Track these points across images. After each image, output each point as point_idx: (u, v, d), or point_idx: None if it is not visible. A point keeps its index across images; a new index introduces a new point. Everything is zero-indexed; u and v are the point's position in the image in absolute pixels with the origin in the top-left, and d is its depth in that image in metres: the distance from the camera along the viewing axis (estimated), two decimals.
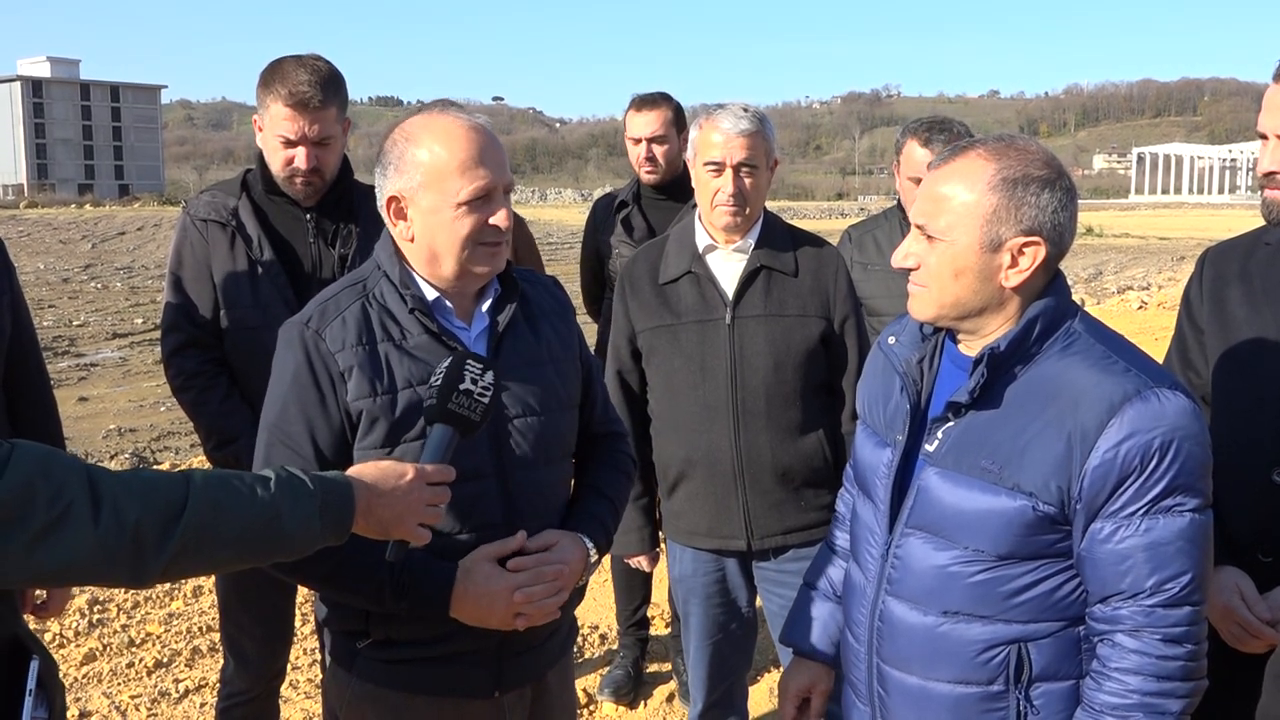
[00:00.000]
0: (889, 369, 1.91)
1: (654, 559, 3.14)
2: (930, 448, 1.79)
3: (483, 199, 1.90)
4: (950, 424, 1.77)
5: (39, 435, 2.24)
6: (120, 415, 9.69)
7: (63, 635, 4.69)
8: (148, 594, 5.12)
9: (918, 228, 1.78)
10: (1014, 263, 1.71)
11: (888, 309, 3.41)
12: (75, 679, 4.31)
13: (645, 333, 2.91)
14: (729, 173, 2.74)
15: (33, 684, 1.80)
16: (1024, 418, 1.69)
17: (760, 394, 2.80)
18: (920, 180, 2.11)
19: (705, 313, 2.83)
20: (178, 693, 4.22)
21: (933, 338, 1.87)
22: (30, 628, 2.10)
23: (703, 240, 2.86)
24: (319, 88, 2.81)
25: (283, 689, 3.54)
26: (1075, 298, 1.84)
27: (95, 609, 4.97)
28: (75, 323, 15.41)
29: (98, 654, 4.56)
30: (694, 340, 2.83)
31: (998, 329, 1.76)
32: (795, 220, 6.36)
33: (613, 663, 4.38)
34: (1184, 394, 1.67)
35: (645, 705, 4.22)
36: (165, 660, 4.51)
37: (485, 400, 1.79)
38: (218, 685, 3.30)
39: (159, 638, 4.75)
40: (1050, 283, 1.76)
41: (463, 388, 1.77)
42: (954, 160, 1.75)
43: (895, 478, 1.83)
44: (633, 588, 4.27)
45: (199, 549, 1.47)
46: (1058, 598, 1.71)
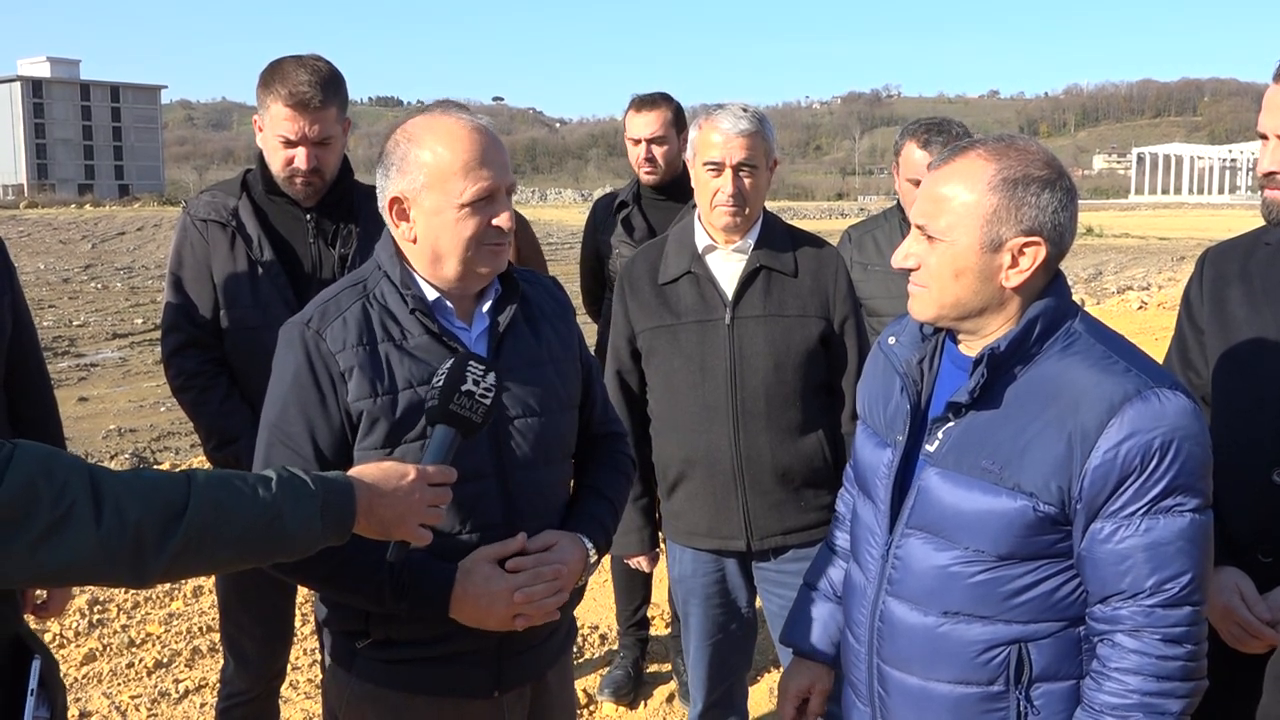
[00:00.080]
0: (889, 369, 1.91)
1: (654, 559, 3.14)
2: (930, 448, 1.79)
3: (485, 200, 1.90)
4: (950, 424, 1.77)
5: (39, 435, 2.24)
6: (120, 415, 9.69)
7: (63, 635, 4.69)
8: (148, 594, 5.12)
9: (918, 228, 1.78)
10: (1014, 263, 1.71)
11: (888, 309, 3.41)
12: (75, 679, 4.31)
13: (645, 333, 2.91)
14: (728, 173, 2.74)
15: (35, 684, 1.80)
16: (1024, 418, 1.69)
17: (760, 394, 2.80)
18: (919, 182, 2.11)
19: (705, 313, 2.83)
20: (178, 693, 4.22)
21: (933, 338, 1.88)
22: (30, 628, 2.10)
23: (702, 240, 2.86)
24: (319, 88, 2.81)
25: (283, 689, 3.54)
26: (1075, 298, 1.84)
27: (95, 609, 4.97)
28: (75, 323, 15.40)
29: (98, 654, 4.56)
30: (694, 340, 2.83)
31: (998, 329, 1.76)
32: (795, 220, 6.36)
33: (613, 663, 4.38)
34: (1184, 394, 1.67)
35: (645, 705, 4.22)
36: (165, 660, 4.51)
37: (487, 401, 1.79)
38: (218, 685, 3.30)
39: (159, 638, 4.75)
40: (1050, 283, 1.76)
41: (464, 389, 1.77)
42: (954, 160, 1.75)
43: (895, 478, 1.83)
44: (633, 588, 4.27)
45: (200, 549, 1.47)
46: (1058, 598, 1.72)
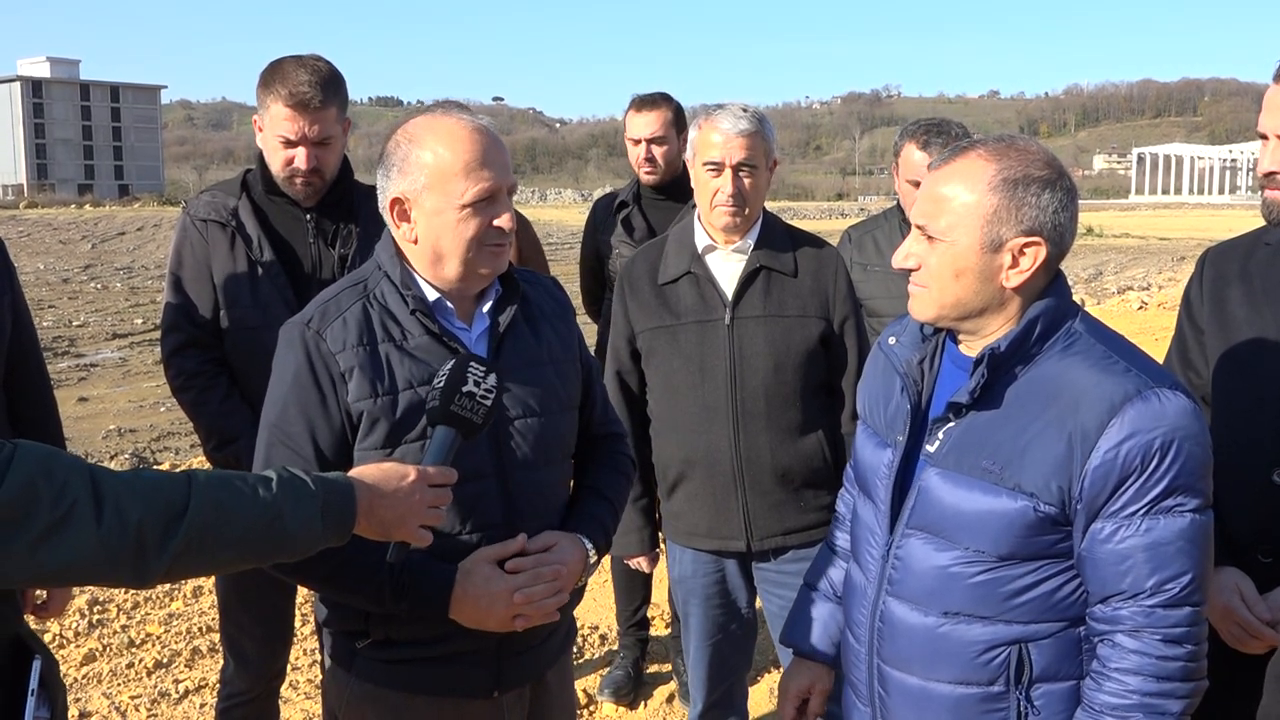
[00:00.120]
0: (889, 369, 1.91)
1: (654, 560, 3.14)
2: (931, 448, 1.79)
3: (487, 200, 1.90)
4: (951, 424, 1.77)
5: (39, 436, 2.24)
6: (120, 415, 9.69)
7: (63, 636, 4.68)
8: (148, 594, 5.12)
9: (918, 228, 1.78)
10: (1015, 263, 1.71)
11: (888, 310, 3.41)
12: (75, 679, 4.31)
13: (644, 333, 2.91)
14: (728, 173, 2.74)
15: (35, 684, 1.80)
16: (1025, 418, 1.69)
17: (760, 395, 2.80)
18: (918, 183, 2.12)
19: (705, 313, 2.83)
20: (178, 693, 4.22)
21: (933, 338, 1.88)
22: (30, 628, 2.10)
23: (702, 240, 2.86)
24: (319, 88, 2.81)
25: (283, 689, 3.54)
26: (1075, 298, 1.84)
27: (95, 609, 4.97)
28: (75, 323, 15.40)
29: (98, 654, 4.56)
30: (693, 341, 2.83)
31: (998, 329, 1.76)
32: (795, 220, 6.36)
33: (613, 663, 4.38)
34: (1184, 394, 1.67)
35: (645, 706, 4.21)
36: (165, 661, 4.51)
37: (488, 403, 1.79)
38: (218, 685, 3.30)
39: (159, 638, 4.75)
40: (1051, 283, 1.76)
41: (465, 390, 1.77)
42: (954, 161, 1.75)
43: (896, 478, 1.83)
44: (633, 588, 4.27)
45: (201, 549, 1.47)
46: (1058, 598, 1.72)
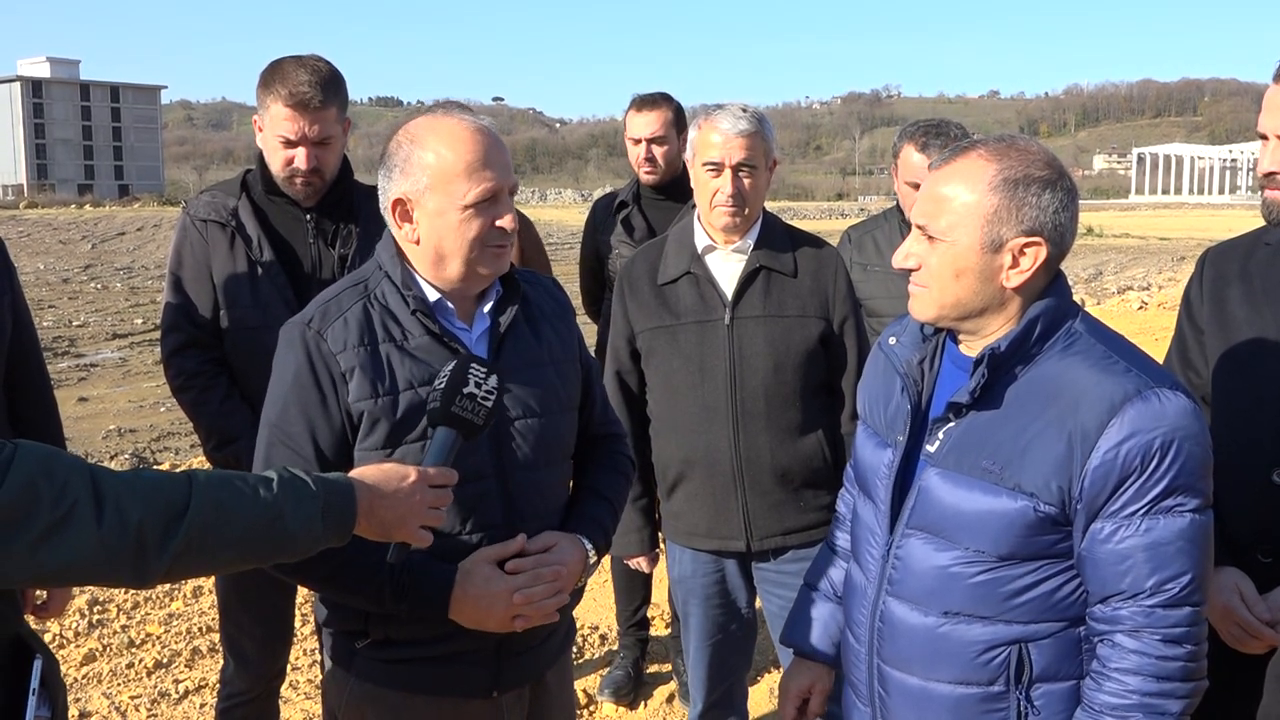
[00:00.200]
0: (890, 369, 1.91)
1: (653, 560, 3.14)
2: (931, 448, 1.79)
3: (489, 201, 1.90)
4: (951, 424, 1.77)
5: (40, 436, 2.24)
6: (120, 415, 9.69)
7: (63, 636, 4.68)
8: (147, 595, 5.12)
9: (918, 228, 1.78)
10: (1015, 263, 1.71)
11: (887, 310, 3.41)
12: (75, 679, 4.31)
13: (644, 333, 2.91)
14: (728, 173, 2.74)
15: (36, 683, 1.80)
16: (1025, 418, 1.70)
17: (759, 395, 2.80)
18: (918, 185, 2.12)
19: (704, 313, 2.83)
20: (178, 693, 4.22)
21: (933, 338, 1.88)
22: (31, 628, 2.10)
23: (702, 241, 2.86)
24: (319, 88, 2.81)
25: (283, 689, 3.54)
26: (1075, 298, 1.84)
27: (95, 609, 4.97)
28: (75, 323, 15.40)
29: (98, 654, 4.56)
30: (693, 341, 2.83)
31: (999, 329, 1.76)
32: (795, 220, 6.36)
33: (613, 663, 4.38)
34: (1184, 394, 1.67)
35: (645, 706, 4.21)
36: (165, 661, 4.51)
37: (488, 404, 1.79)
38: (218, 686, 3.30)
39: (159, 638, 4.75)
40: (1051, 283, 1.76)
41: (466, 391, 1.77)
42: (955, 161, 1.75)
43: (896, 478, 1.83)
44: (633, 588, 4.27)
45: (202, 549, 1.47)
46: (1058, 598, 1.72)
